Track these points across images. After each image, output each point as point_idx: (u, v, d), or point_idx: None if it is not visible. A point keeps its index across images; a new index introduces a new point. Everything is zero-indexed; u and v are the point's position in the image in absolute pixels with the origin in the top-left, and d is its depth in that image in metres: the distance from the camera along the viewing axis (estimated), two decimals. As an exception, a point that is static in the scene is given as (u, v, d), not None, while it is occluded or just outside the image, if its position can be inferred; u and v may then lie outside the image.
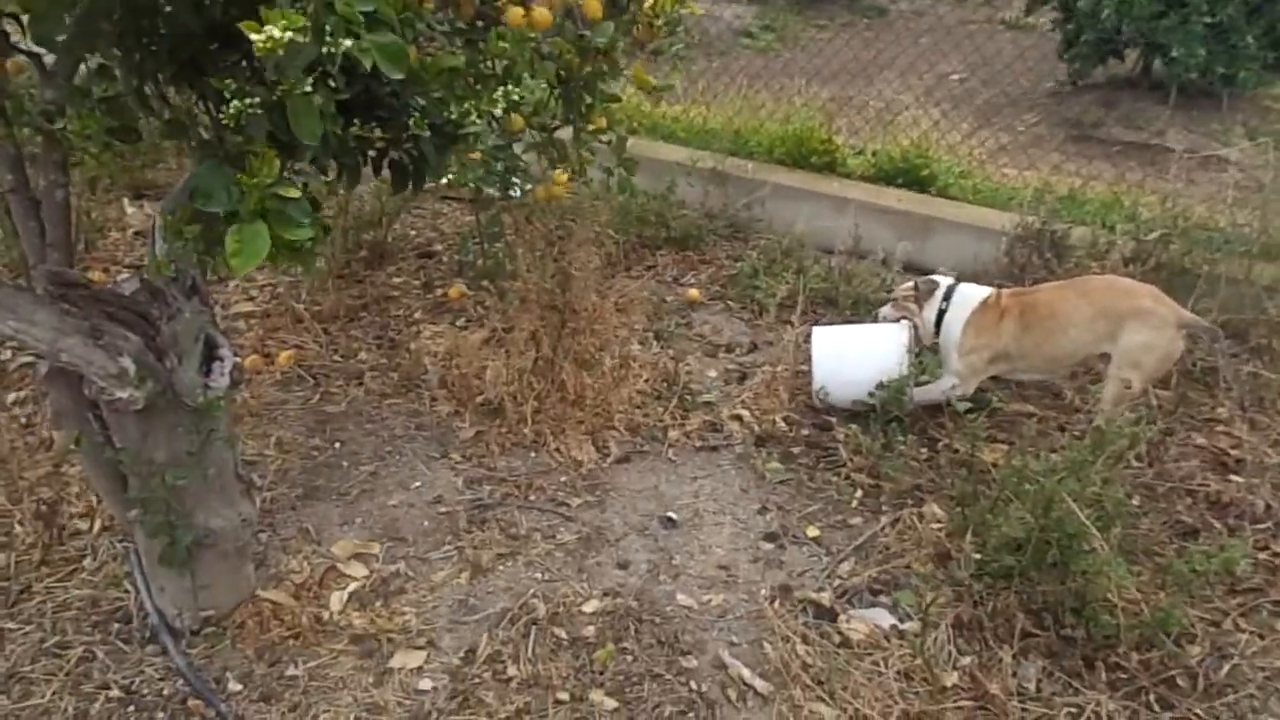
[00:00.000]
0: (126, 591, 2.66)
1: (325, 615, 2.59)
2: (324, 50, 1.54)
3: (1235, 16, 7.09)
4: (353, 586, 2.70)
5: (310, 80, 1.70)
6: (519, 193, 3.99)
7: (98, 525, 2.88)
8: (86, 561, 2.78)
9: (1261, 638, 2.60)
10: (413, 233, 5.08)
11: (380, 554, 2.85)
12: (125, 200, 5.10)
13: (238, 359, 2.49)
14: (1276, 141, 4.48)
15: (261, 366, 3.79)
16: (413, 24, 1.91)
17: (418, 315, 4.28)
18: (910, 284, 3.63)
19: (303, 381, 3.74)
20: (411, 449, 3.36)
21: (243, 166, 1.87)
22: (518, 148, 3.50)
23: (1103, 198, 4.79)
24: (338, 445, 3.36)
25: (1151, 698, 2.41)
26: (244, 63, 2.01)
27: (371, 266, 4.63)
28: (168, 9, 1.95)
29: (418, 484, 3.18)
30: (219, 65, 2.07)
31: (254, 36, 1.44)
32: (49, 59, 2.02)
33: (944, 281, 3.56)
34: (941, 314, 3.49)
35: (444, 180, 3.44)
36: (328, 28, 1.53)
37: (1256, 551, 2.88)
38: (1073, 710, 2.36)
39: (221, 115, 1.77)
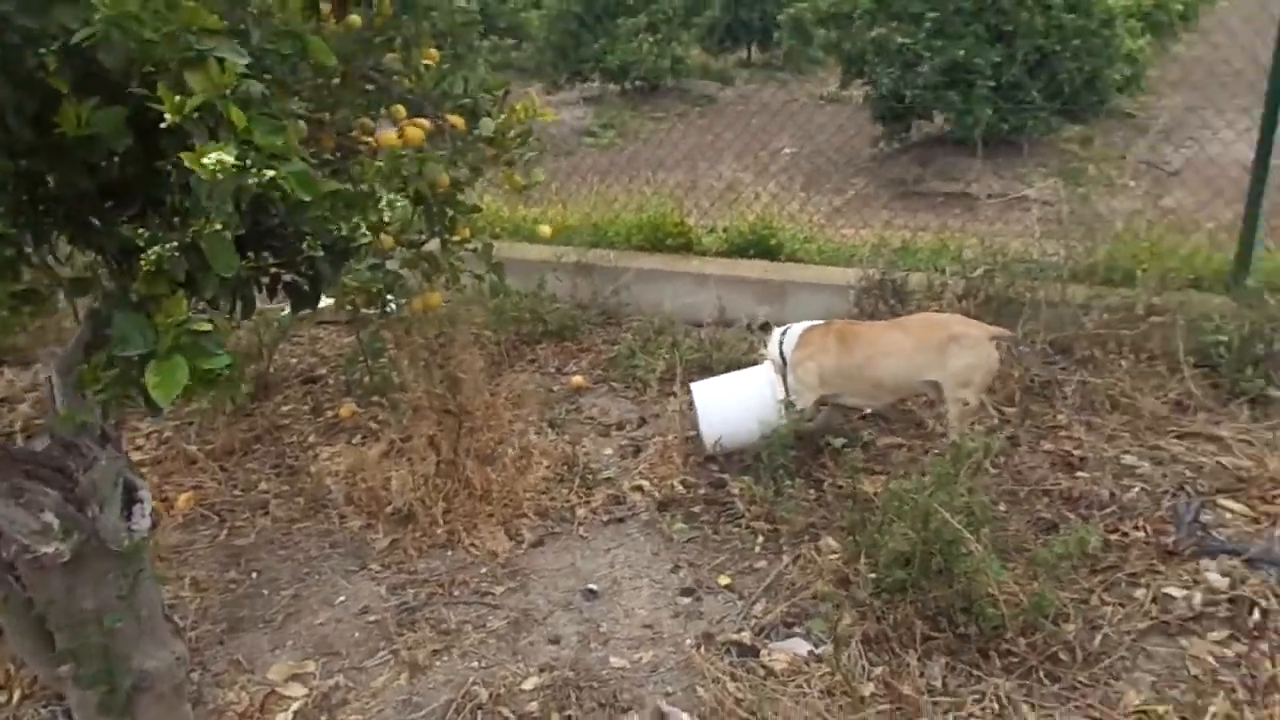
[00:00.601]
0: (59, 754, 2.64)
1: (272, 738, 2.63)
2: (249, 180, 1.72)
3: (1019, 75, 7.98)
4: (295, 706, 2.75)
5: (221, 219, 1.88)
6: (395, 308, 4.16)
7: (17, 695, 2.84)
8: (11, 731, 2.74)
9: (1123, 606, 2.94)
10: (294, 360, 5.16)
11: (317, 671, 2.90)
12: (-19, 370, 5.02)
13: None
14: (1067, 180, 5.10)
15: (162, 512, 3.79)
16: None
17: (312, 439, 4.35)
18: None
19: (207, 520, 3.76)
20: (329, 566, 3.43)
21: (147, 311, 2.01)
22: (391, 265, 3.69)
23: (931, 245, 5.30)
24: (254, 575, 3.40)
25: (1041, 674, 2.69)
26: (143, 214, 2.16)
27: (258, 399, 4.68)
28: (58, 175, 2.09)
29: (342, 599, 3.24)
30: (114, 219, 2.21)
31: (205, 161, 1.60)
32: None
33: (782, 327, 4.00)
34: (782, 345, 3.89)
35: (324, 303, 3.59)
36: (249, 161, 1.71)
37: (1108, 534, 3.25)
38: (977, 696, 2.62)
39: (140, 262, 1.91)
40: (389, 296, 3.98)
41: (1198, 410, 3.96)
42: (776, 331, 3.99)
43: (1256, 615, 2.88)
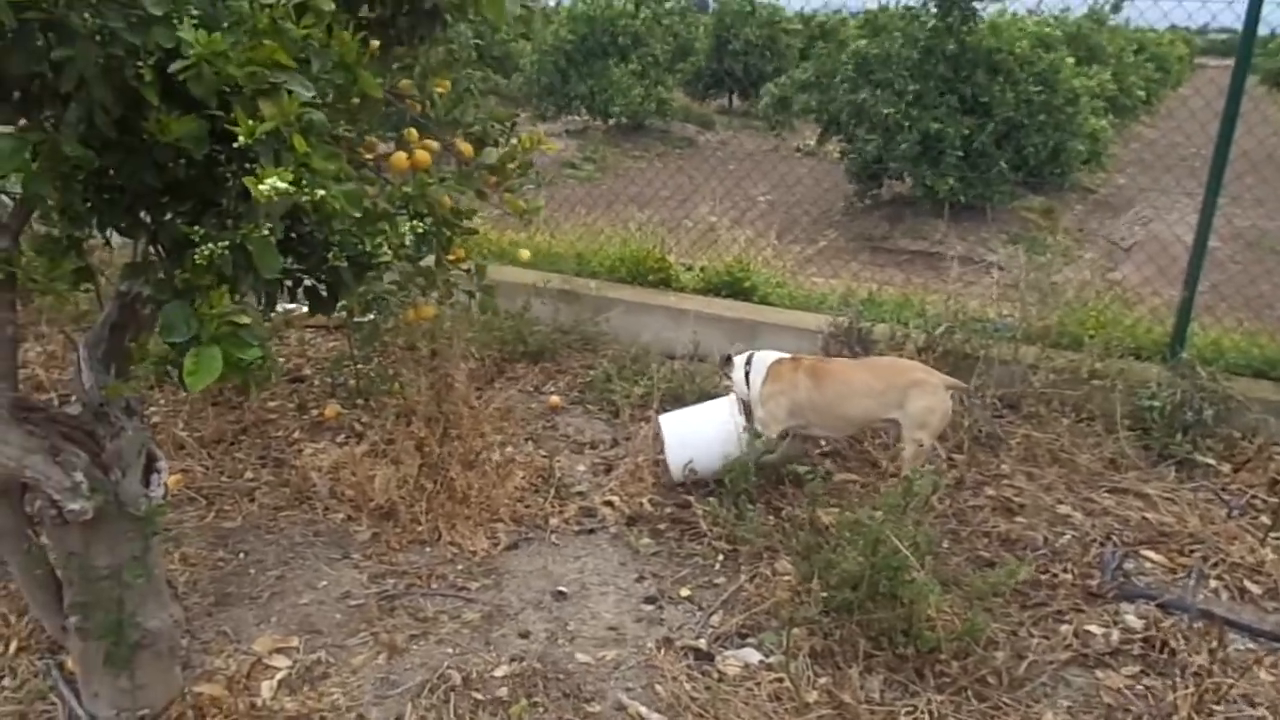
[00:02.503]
0: (52, 703, 2.79)
1: (258, 702, 2.80)
2: (302, 199, 1.96)
3: (986, 144, 8.41)
4: (280, 675, 2.93)
5: (270, 226, 2.11)
6: (387, 316, 4.38)
7: (14, 646, 2.99)
8: (6, 681, 2.89)
9: (1047, 639, 3.22)
10: (281, 359, 5.33)
11: (300, 646, 3.08)
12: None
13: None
14: (1027, 246, 5.46)
15: (151, 491, 3.95)
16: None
17: (297, 435, 4.53)
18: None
19: (194, 502, 3.93)
20: (313, 553, 3.61)
21: (191, 299, 2.23)
22: (390, 276, 3.91)
23: (896, 299, 5.63)
24: (241, 555, 3.58)
25: (970, 693, 2.95)
26: (195, 211, 2.38)
27: (244, 393, 4.85)
28: (127, 171, 2.31)
29: (324, 583, 3.43)
30: (166, 214, 2.43)
31: (261, 187, 1.83)
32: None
33: (743, 355, 4.26)
34: (747, 375, 4.16)
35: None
36: (304, 181, 1.95)
37: (1039, 574, 3.54)
38: (910, 709, 2.87)
39: (193, 256, 2.13)
40: (382, 304, 4.20)
41: (1129, 469, 4.29)
42: (739, 360, 4.25)
43: (1166, 654, 3.18)
